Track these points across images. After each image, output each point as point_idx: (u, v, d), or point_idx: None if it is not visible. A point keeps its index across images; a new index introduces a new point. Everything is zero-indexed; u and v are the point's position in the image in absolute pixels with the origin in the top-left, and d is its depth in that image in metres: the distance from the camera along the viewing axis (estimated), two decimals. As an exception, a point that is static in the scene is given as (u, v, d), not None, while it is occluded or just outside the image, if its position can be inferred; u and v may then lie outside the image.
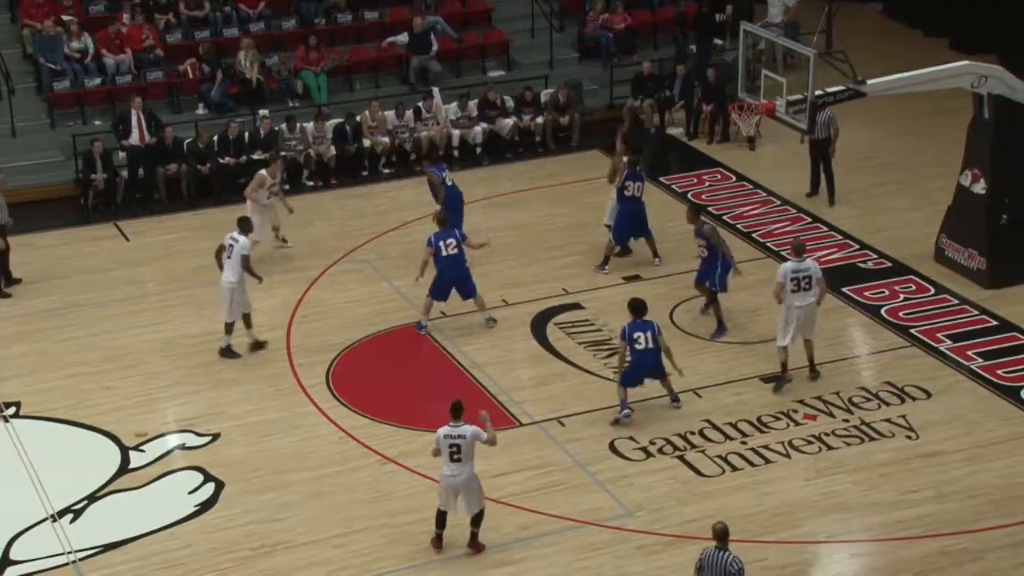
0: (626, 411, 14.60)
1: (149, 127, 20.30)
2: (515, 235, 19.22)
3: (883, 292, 17.44)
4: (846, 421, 14.74)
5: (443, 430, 12.52)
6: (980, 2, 25.27)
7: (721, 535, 10.85)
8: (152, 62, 21.96)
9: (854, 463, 14.01)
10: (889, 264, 18.14)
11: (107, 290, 17.86)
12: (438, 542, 12.72)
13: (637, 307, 14.72)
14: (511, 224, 19.60)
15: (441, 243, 16.22)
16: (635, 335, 14.50)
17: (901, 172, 21.02)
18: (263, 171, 18.27)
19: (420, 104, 21.76)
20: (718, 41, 24.57)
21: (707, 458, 14.13)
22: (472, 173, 21.45)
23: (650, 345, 14.53)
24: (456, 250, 16.22)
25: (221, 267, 16.00)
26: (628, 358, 14.54)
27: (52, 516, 13.32)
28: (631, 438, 14.46)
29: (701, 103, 22.41)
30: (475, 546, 12.68)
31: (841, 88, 16.54)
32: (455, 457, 12.43)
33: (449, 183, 18.07)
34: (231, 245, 15.83)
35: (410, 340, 16.46)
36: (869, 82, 16.74)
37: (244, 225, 16.15)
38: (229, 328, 15.96)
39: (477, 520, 12.67)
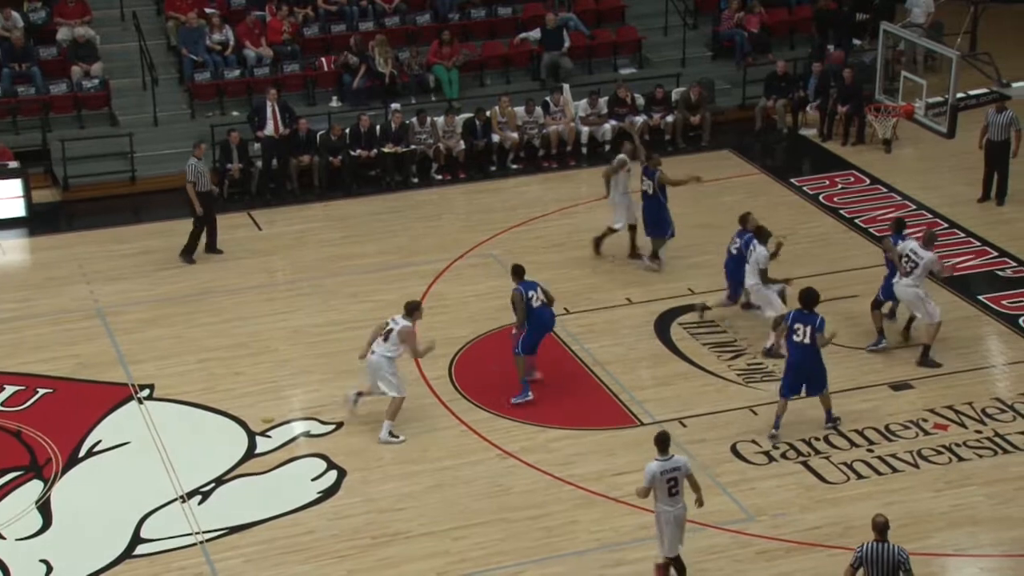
0: (774, 432, 14.23)
1: (283, 119, 20.67)
2: (639, 234, 19.07)
3: (1022, 301, 16.90)
4: (979, 432, 14.32)
5: (655, 465, 11.78)
6: None
7: (882, 528, 10.67)
8: (289, 55, 22.38)
9: (986, 476, 13.61)
10: (1029, 272, 17.59)
11: (239, 278, 18.25)
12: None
13: (809, 298, 14.11)
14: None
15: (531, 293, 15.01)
16: (795, 326, 14.06)
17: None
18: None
19: (548, 98, 21.78)
20: (857, 41, 24.10)
21: (832, 464, 13.86)
22: (600, 170, 21.36)
23: (806, 340, 13.99)
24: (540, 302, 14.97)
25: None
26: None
27: (182, 497, 13.66)
28: (754, 441, 14.27)
29: (836, 104, 21.99)
30: None
31: (984, 91, 16.09)
32: (673, 491, 11.81)
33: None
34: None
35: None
36: (1014, 85, 16.25)
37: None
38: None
39: (681, 568, 12.00)
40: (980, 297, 17.02)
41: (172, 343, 16.59)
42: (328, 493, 13.67)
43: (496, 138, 21.54)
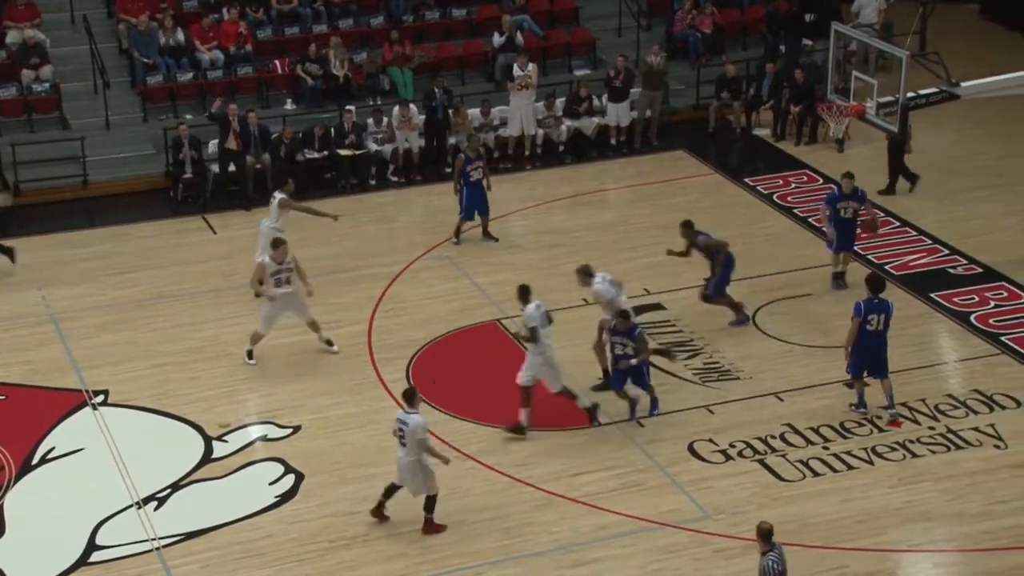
0: (863, 409, 14.48)
1: (244, 135, 20.17)
2: (597, 234, 19.17)
3: (973, 299, 17.10)
4: (932, 429, 14.47)
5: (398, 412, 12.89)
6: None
7: (766, 535, 10.79)
8: (242, 57, 22.26)
9: (940, 471, 13.76)
10: (979, 270, 17.79)
11: (195, 282, 18.13)
12: (379, 511, 13.03)
13: (876, 283, 14.20)
14: (594, 223, 19.55)
15: None
16: (870, 316, 14.11)
17: (994, 177, 20.61)
18: (264, 258, 15.74)
19: (515, 64, 21.55)
20: (807, 41, 24.30)
21: (788, 462, 13.96)
22: (555, 172, 21.44)
23: (880, 327, 14.11)
24: None
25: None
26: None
27: (137, 503, 13.55)
28: (711, 440, 14.34)
29: (789, 104, 22.16)
30: (429, 528, 12.93)
31: (934, 90, 16.28)
32: (402, 441, 12.70)
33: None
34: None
35: (490, 337, 16.49)
36: (963, 85, 16.45)
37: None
38: None
39: (427, 505, 12.91)
40: (932, 295, 17.20)
41: (126, 348, 16.46)
42: (286, 497, 13.61)
43: (452, 140, 21.53)
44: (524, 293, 14.56)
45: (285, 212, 17.24)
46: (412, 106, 21.35)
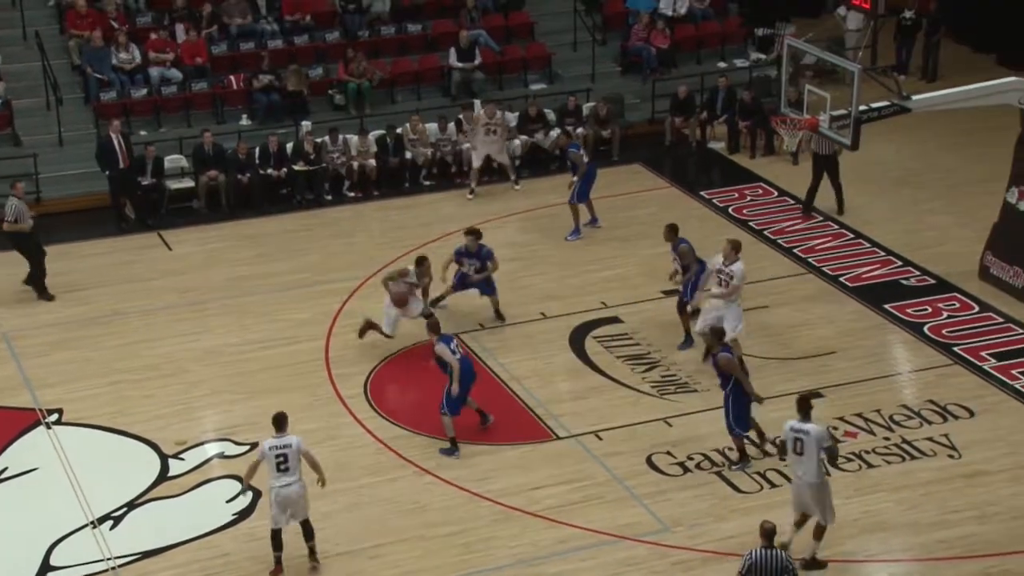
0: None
1: (129, 150, 19.86)
2: (555, 248, 19.21)
3: (926, 309, 17.28)
4: (887, 439, 14.60)
5: (268, 441, 12.41)
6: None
7: (769, 534, 10.82)
8: (197, 73, 22.15)
9: (895, 482, 13.88)
10: (933, 281, 17.98)
11: (149, 299, 18.00)
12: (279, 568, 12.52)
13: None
14: (551, 237, 19.60)
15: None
16: None
17: (946, 189, 20.85)
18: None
19: (460, 116, 21.80)
20: (761, 56, 24.54)
21: (745, 474, 14.03)
22: (512, 186, 21.47)
23: None
24: None
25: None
26: None
27: (92, 523, 13.42)
28: (669, 453, 14.39)
29: (738, 119, 22.37)
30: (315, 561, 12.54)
31: (886, 103, 16.44)
32: (282, 467, 12.32)
33: (586, 159, 19.45)
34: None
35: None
36: (915, 98, 16.63)
37: (280, 424, 12.68)
38: None
39: (310, 532, 12.55)
40: (886, 306, 17.37)
41: (81, 366, 16.31)
42: (243, 515, 13.52)
43: (409, 155, 21.52)
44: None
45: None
46: (370, 137, 21.08)
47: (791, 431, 12.37)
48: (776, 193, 20.89)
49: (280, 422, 12.47)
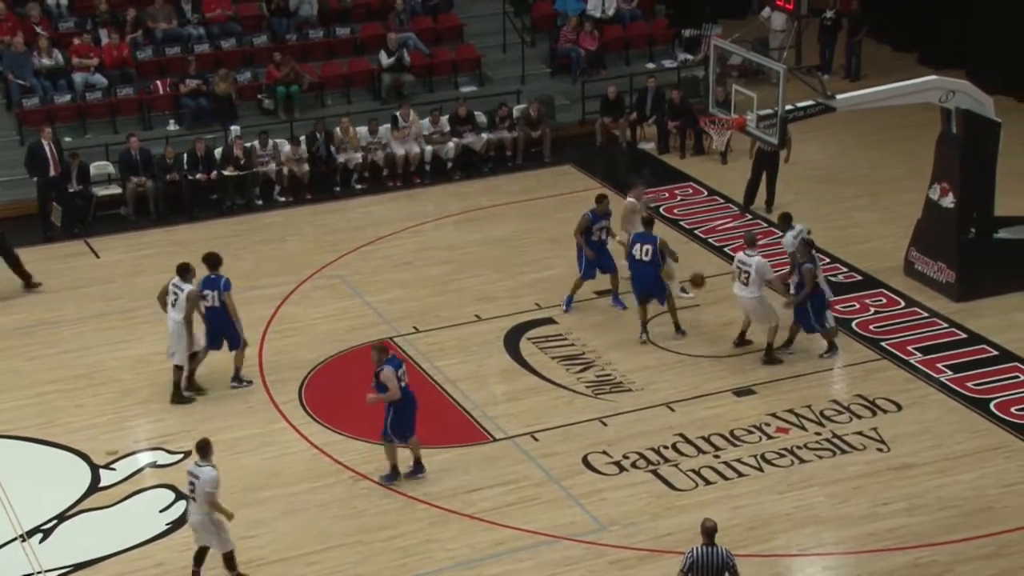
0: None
1: (60, 156, 19.66)
2: (488, 250, 19.25)
3: (853, 305, 17.54)
4: (818, 434, 14.80)
5: (189, 464, 12.31)
6: (948, 17, 25.52)
7: (710, 532, 10.94)
8: (122, 78, 21.89)
9: (826, 476, 14.07)
10: (859, 277, 18.25)
11: (77, 307, 17.76)
12: None
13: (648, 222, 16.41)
14: (485, 239, 19.63)
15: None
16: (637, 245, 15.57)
17: (871, 186, 21.17)
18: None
19: (397, 113, 21.75)
20: (688, 56, 24.78)
21: (680, 472, 14.16)
22: (444, 188, 21.49)
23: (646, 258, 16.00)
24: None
25: (164, 307, 15.38)
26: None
27: (21, 536, 13.22)
28: (605, 452, 14.48)
29: (667, 119, 22.56)
30: None
31: (811, 103, 16.67)
32: (191, 495, 12.19)
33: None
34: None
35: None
36: (838, 97, 16.88)
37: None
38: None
39: (227, 563, 12.35)
40: (815, 302, 17.56)
41: (7, 377, 16.06)
42: (177, 524, 13.38)
43: (341, 158, 21.44)
44: (786, 220, 16.49)
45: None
46: (301, 147, 21.06)
47: (737, 264, 15.54)
48: (706, 192, 21.08)
49: (202, 449, 12.19)
